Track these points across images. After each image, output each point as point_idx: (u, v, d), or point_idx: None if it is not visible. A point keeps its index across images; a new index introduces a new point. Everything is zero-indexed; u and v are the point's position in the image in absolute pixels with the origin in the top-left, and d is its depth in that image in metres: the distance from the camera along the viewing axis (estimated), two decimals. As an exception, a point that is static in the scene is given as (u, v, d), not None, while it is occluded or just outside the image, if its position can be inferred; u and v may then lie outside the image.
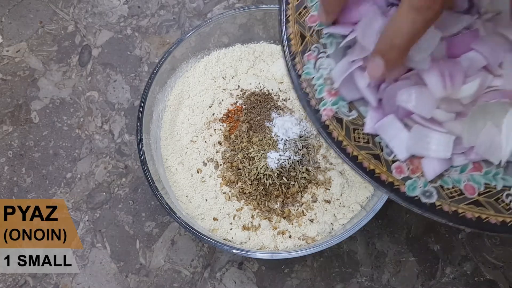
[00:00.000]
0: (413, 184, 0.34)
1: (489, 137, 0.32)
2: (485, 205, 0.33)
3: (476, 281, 0.50)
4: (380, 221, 0.52)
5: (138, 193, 0.54)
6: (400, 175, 0.34)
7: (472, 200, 0.33)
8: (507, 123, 0.31)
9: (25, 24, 0.62)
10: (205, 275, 0.51)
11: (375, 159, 0.35)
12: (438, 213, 0.33)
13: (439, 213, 0.33)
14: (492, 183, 0.33)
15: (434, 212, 0.33)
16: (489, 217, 0.32)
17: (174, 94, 0.53)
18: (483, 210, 0.33)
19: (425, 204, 0.33)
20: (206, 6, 0.62)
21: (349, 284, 0.50)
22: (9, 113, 0.58)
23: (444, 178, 0.34)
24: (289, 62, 0.37)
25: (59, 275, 0.51)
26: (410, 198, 0.34)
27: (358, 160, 0.35)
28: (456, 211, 0.33)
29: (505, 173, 0.33)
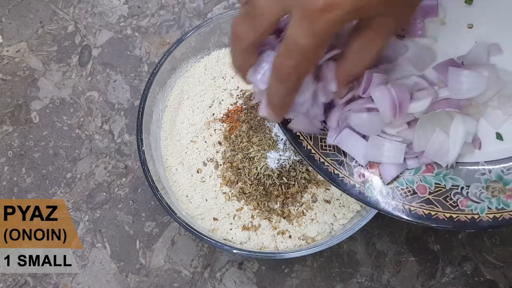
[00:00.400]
0: (372, 186, 0.38)
1: (437, 142, 0.36)
2: (435, 203, 0.36)
3: (476, 281, 0.50)
4: (380, 221, 0.52)
5: (138, 193, 0.54)
6: (360, 178, 0.39)
7: (423, 199, 0.37)
8: (453, 129, 0.35)
9: (25, 24, 0.62)
10: (205, 275, 0.51)
11: (339, 165, 0.39)
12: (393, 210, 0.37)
13: (393, 211, 0.37)
14: (442, 183, 0.37)
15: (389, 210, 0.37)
16: (437, 213, 0.36)
17: (174, 94, 0.53)
18: (433, 207, 0.36)
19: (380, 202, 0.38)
20: (206, 6, 0.62)
21: (349, 284, 0.50)
22: (9, 113, 0.58)
23: (399, 179, 0.38)
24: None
25: (59, 275, 0.51)
26: (368, 198, 0.38)
27: (325, 166, 0.39)
28: (409, 208, 0.37)
29: (454, 173, 0.37)
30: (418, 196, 0.37)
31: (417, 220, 0.37)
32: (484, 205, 0.35)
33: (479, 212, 0.35)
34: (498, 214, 0.35)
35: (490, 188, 0.35)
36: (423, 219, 0.36)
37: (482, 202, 0.35)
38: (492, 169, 0.36)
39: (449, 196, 0.36)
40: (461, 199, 0.36)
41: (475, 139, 0.36)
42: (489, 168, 0.36)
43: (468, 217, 0.35)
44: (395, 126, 0.36)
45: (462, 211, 0.36)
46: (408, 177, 0.38)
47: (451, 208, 0.36)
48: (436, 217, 0.36)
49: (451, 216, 0.36)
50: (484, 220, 0.35)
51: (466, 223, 0.35)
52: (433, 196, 0.37)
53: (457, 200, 0.36)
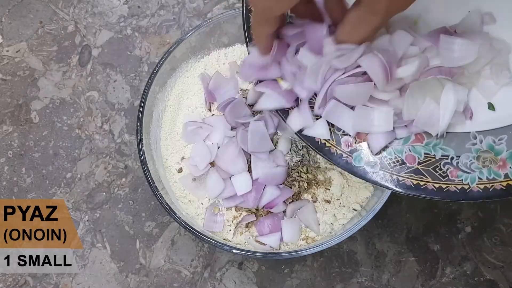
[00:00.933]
0: (359, 156, 0.37)
1: (428, 111, 0.35)
2: (424, 173, 0.36)
3: (476, 281, 0.50)
4: (380, 221, 0.52)
5: (138, 193, 0.54)
6: (348, 148, 0.38)
7: (412, 169, 0.36)
8: (444, 98, 0.34)
9: (25, 24, 0.62)
10: (205, 275, 0.51)
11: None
12: (381, 180, 0.37)
13: (381, 180, 0.37)
14: (432, 152, 0.36)
15: (376, 180, 0.37)
16: (426, 183, 0.35)
17: (174, 94, 0.53)
18: (422, 177, 0.36)
19: (368, 172, 0.37)
20: (206, 6, 0.62)
21: (349, 284, 0.50)
22: (9, 113, 0.58)
23: (388, 149, 0.37)
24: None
25: (59, 275, 0.51)
26: (356, 168, 0.37)
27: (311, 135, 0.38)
28: (397, 178, 0.36)
29: (444, 143, 0.36)
30: (406, 166, 0.36)
31: (405, 191, 0.36)
32: (475, 175, 0.34)
33: (469, 183, 0.34)
34: (489, 184, 0.34)
35: (481, 158, 0.34)
36: (412, 190, 0.36)
37: (473, 172, 0.34)
38: (483, 139, 0.35)
39: (439, 166, 0.35)
40: (451, 169, 0.35)
41: (466, 109, 0.35)
42: (480, 138, 0.35)
43: (458, 188, 0.35)
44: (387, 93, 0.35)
45: (452, 182, 0.35)
46: (397, 147, 0.37)
47: (440, 178, 0.35)
48: (425, 187, 0.35)
49: (440, 187, 0.35)
50: (475, 191, 0.34)
51: (456, 193, 0.35)
52: (422, 166, 0.36)
53: (447, 170, 0.35)
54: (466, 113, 0.36)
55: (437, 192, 0.35)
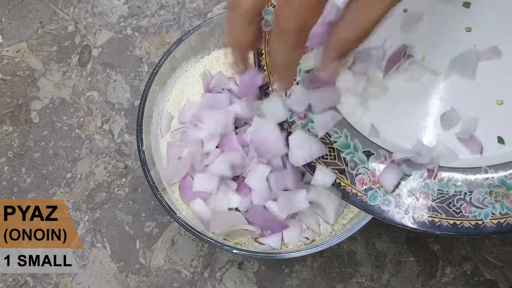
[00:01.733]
0: (374, 194, 0.38)
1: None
2: (438, 210, 0.36)
3: (476, 281, 0.50)
4: (380, 221, 0.51)
5: (138, 193, 0.54)
6: (362, 186, 0.39)
7: (426, 206, 0.37)
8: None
9: (25, 24, 0.62)
10: (205, 275, 0.51)
11: (341, 174, 0.39)
12: (396, 219, 0.37)
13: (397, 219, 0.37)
14: (445, 189, 0.37)
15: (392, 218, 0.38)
16: (441, 220, 0.36)
17: (174, 94, 0.53)
18: (437, 214, 0.36)
19: (384, 211, 0.38)
20: (206, 6, 0.62)
21: (349, 284, 0.50)
22: (9, 113, 0.58)
23: (401, 187, 0.38)
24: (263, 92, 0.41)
25: (59, 275, 0.51)
26: (371, 206, 0.38)
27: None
28: (412, 216, 0.37)
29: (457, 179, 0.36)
30: (421, 203, 0.37)
31: (421, 228, 0.36)
32: (488, 210, 0.35)
33: (482, 218, 0.35)
34: (502, 219, 0.34)
35: (493, 193, 0.35)
36: (427, 227, 0.36)
37: (486, 208, 0.35)
38: (494, 173, 0.35)
39: (452, 203, 0.36)
40: (464, 205, 0.36)
41: (476, 144, 0.36)
42: (492, 173, 0.35)
43: (472, 223, 0.35)
44: None
45: (465, 218, 0.35)
46: (410, 184, 0.37)
47: (454, 214, 0.36)
48: (439, 224, 0.36)
49: (454, 223, 0.35)
50: (488, 226, 0.35)
51: (470, 229, 0.35)
52: (436, 203, 0.36)
53: (461, 206, 0.36)
54: (476, 148, 0.36)
55: (452, 228, 0.36)
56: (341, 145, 0.39)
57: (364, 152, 0.39)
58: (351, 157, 0.39)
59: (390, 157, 0.38)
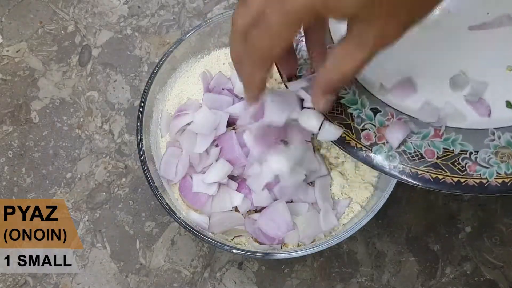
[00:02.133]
0: (379, 150, 0.38)
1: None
2: (443, 167, 0.36)
3: (476, 281, 0.50)
4: (380, 221, 0.52)
5: (138, 193, 0.54)
6: (368, 141, 0.38)
7: (431, 163, 0.37)
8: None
9: (25, 24, 0.62)
10: (205, 275, 0.51)
11: (346, 128, 0.39)
12: (399, 174, 0.37)
13: (400, 174, 0.37)
14: (451, 147, 0.37)
15: (396, 174, 0.37)
16: (445, 177, 0.36)
17: (174, 94, 0.53)
18: (441, 171, 0.36)
19: (388, 166, 0.38)
20: (206, 6, 0.62)
21: (349, 284, 0.50)
22: (9, 113, 0.58)
23: (407, 144, 0.38)
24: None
25: (59, 275, 0.51)
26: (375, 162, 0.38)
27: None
28: (416, 172, 0.37)
29: (463, 139, 0.37)
30: (425, 160, 0.37)
31: (424, 184, 0.36)
32: (493, 170, 0.35)
33: (487, 177, 0.35)
34: (507, 178, 0.35)
35: (499, 154, 0.35)
36: (430, 183, 0.36)
37: (491, 167, 0.35)
38: (501, 135, 0.36)
39: (458, 161, 0.36)
40: (470, 164, 0.36)
41: (484, 106, 0.37)
42: (499, 134, 0.36)
43: (476, 182, 0.35)
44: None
45: (470, 176, 0.36)
46: (416, 141, 0.37)
47: (459, 172, 0.36)
48: (443, 181, 0.36)
49: (459, 181, 0.36)
50: (493, 185, 0.35)
51: (474, 187, 0.35)
52: (441, 161, 0.36)
53: (466, 165, 0.36)
54: (484, 110, 0.37)
55: (456, 186, 0.36)
56: (349, 101, 0.39)
57: (371, 109, 0.39)
58: (358, 112, 0.39)
59: (397, 115, 0.38)
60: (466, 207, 0.52)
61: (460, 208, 0.52)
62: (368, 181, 0.47)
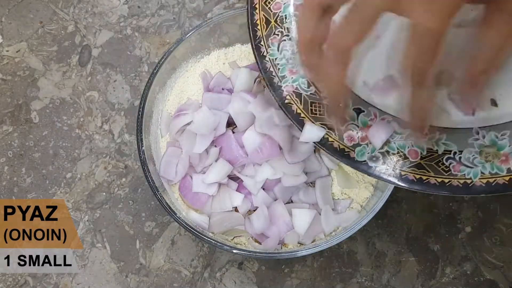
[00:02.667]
0: (362, 150, 0.38)
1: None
2: (427, 168, 0.36)
3: (476, 281, 0.50)
4: (380, 221, 0.52)
5: (138, 193, 0.54)
6: (351, 142, 0.38)
7: (414, 163, 0.36)
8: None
9: (25, 24, 0.62)
10: (205, 275, 0.51)
11: (329, 129, 0.39)
12: (383, 175, 0.37)
13: (384, 176, 0.37)
14: (434, 147, 0.36)
15: (379, 175, 0.37)
16: (429, 178, 0.36)
17: (174, 94, 0.53)
18: (424, 172, 0.36)
19: (371, 167, 0.37)
20: (206, 6, 0.62)
21: (349, 284, 0.50)
22: (9, 113, 0.58)
23: (390, 144, 0.37)
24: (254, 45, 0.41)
25: (59, 275, 0.51)
26: (358, 163, 0.38)
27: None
28: (400, 173, 0.36)
29: (447, 138, 0.36)
30: (409, 161, 0.36)
31: (408, 185, 0.36)
32: (478, 170, 0.34)
33: (472, 177, 0.35)
34: (492, 179, 0.34)
35: (483, 153, 0.35)
36: (414, 184, 0.36)
37: (475, 167, 0.35)
38: (485, 134, 0.35)
39: (441, 161, 0.36)
40: (454, 164, 0.35)
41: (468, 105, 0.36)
42: (483, 134, 0.35)
43: (460, 182, 0.35)
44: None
45: (454, 176, 0.35)
46: (399, 142, 0.37)
47: (443, 173, 0.35)
48: (427, 182, 0.35)
49: (443, 181, 0.35)
50: (477, 185, 0.34)
51: (459, 188, 0.35)
52: (425, 161, 0.36)
53: (450, 165, 0.35)
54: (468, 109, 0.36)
55: (440, 187, 0.35)
56: None
57: (354, 109, 0.39)
58: None
59: (380, 115, 0.38)
60: (466, 207, 0.52)
61: (460, 208, 0.52)
62: (368, 181, 0.47)
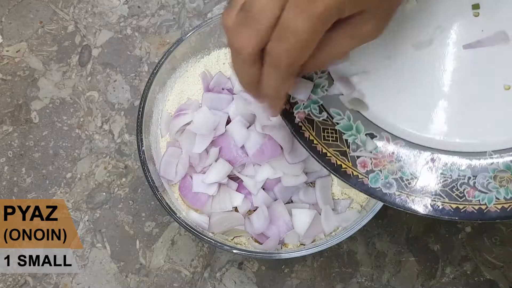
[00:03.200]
0: (376, 177, 0.37)
1: None
2: (441, 194, 0.35)
3: (476, 281, 0.50)
4: (380, 221, 0.52)
5: (138, 193, 0.54)
6: (364, 169, 0.37)
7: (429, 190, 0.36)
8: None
9: (25, 24, 0.62)
10: (205, 275, 0.51)
11: (342, 155, 0.38)
12: (397, 202, 0.36)
13: (398, 202, 0.36)
14: (448, 173, 0.36)
15: (394, 201, 0.36)
16: (444, 204, 0.35)
17: (174, 94, 0.53)
18: (439, 198, 0.35)
19: (385, 194, 0.37)
20: (206, 6, 0.62)
21: (349, 284, 0.50)
22: (9, 113, 0.58)
23: (404, 170, 0.37)
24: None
25: (59, 275, 0.51)
26: (372, 189, 0.37)
27: (327, 157, 0.38)
28: (414, 200, 0.36)
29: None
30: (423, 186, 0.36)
31: (423, 212, 0.36)
32: (492, 195, 0.34)
33: (486, 203, 0.34)
34: (507, 204, 0.34)
35: (497, 178, 0.34)
36: (429, 211, 0.35)
37: (490, 192, 0.34)
38: (500, 158, 0.35)
39: (456, 187, 0.35)
40: (468, 189, 0.35)
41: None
42: (497, 158, 0.35)
43: (475, 208, 0.34)
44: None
45: (469, 202, 0.35)
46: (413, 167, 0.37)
47: (457, 198, 0.35)
48: (442, 208, 0.35)
49: (457, 207, 0.35)
50: (492, 211, 0.34)
51: (474, 214, 0.34)
52: (439, 187, 0.36)
53: (464, 191, 0.35)
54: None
55: (455, 213, 0.35)
56: (344, 127, 0.39)
57: (366, 134, 0.38)
58: (353, 139, 0.38)
59: (393, 139, 0.38)
60: (466, 207, 0.52)
61: (460, 208, 0.52)
62: (368, 181, 0.47)
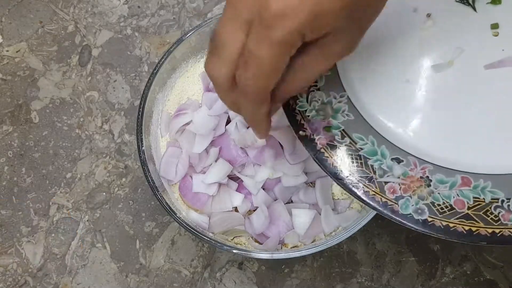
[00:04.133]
0: (406, 203, 0.36)
1: None
2: (475, 218, 0.34)
3: (476, 281, 0.50)
4: (380, 221, 0.52)
5: (138, 193, 0.54)
6: (393, 195, 0.36)
7: (462, 214, 0.35)
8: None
9: (25, 24, 0.62)
10: (205, 275, 0.51)
11: (369, 182, 0.37)
12: (430, 228, 0.35)
13: (431, 228, 0.35)
14: (481, 196, 0.35)
15: (427, 227, 0.35)
16: (479, 229, 0.34)
17: (174, 94, 0.53)
18: (473, 223, 0.34)
19: (418, 220, 0.35)
20: (206, 6, 0.62)
21: (349, 284, 0.50)
22: (9, 113, 0.58)
23: (435, 194, 0.36)
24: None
25: (59, 275, 0.51)
26: (403, 216, 0.36)
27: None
28: (448, 225, 0.35)
29: (493, 186, 0.35)
30: (456, 211, 0.35)
31: (458, 238, 0.34)
32: None
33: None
34: None
35: None
36: (465, 236, 0.34)
37: None
38: None
39: (490, 210, 0.34)
40: (503, 212, 0.34)
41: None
42: None
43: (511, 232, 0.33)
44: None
45: (505, 226, 0.34)
46: (444, 191, 0.36)
47: (492, 223, 0.34)
48: (477, 233, 0.34)
49: (493, 232, 0.34)
50: None
51: (510, 238, 0.33)
52: (472, 211, 0.35)
53: (499, 214, 0.34)
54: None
55: (491, 238, 0.34)
56: (368, 152, 0.37)
57: (392, 159, 0.37)
58: (379, 164, 0.37)
59: (420, 164, 0.37)
60: (466, 207, 0.52)
61: (460, 208, 0.52)
62: (368, 181, 0.47)
